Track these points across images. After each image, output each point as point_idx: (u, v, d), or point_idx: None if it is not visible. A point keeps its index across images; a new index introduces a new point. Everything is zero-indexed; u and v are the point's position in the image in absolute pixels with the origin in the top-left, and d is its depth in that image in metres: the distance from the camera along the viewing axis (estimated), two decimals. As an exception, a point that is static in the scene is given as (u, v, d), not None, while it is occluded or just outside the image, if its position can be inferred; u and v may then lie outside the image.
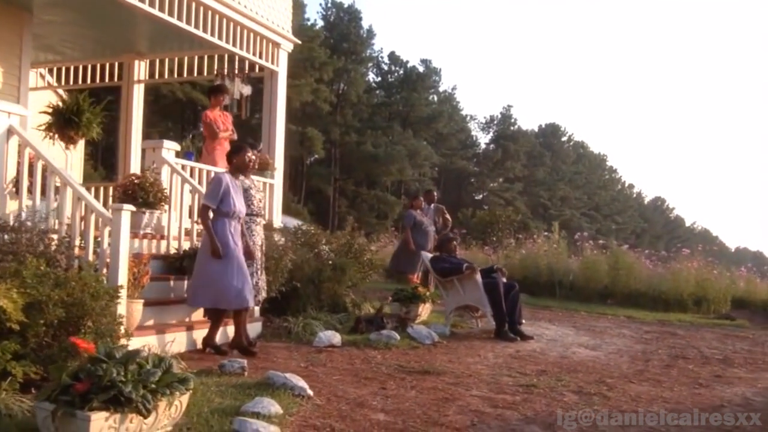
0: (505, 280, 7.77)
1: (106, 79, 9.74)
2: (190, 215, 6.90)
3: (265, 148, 8.75)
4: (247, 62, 8.69)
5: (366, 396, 4.62)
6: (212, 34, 7.63)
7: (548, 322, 9.17)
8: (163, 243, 6.75)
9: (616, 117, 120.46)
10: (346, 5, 49.50)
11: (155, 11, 6.80)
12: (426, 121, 52.36)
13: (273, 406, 3.93)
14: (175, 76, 9.57)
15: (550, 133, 71.71)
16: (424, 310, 7.85)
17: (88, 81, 9.78)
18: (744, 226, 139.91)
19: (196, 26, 7.48)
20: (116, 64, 9.65)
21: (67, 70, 9.87)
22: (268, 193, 8.55)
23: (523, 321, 7.81)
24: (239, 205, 5.68)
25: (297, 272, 7.30)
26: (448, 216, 12.11)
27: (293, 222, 11.59)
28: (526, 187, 63.73)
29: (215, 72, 8.83)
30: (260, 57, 8.54)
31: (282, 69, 8.81)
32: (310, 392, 4.45)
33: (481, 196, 62.83)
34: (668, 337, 8.59)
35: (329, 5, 49.73)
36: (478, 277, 7.42)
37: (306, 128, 41.53)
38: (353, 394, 4.65)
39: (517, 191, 61.54)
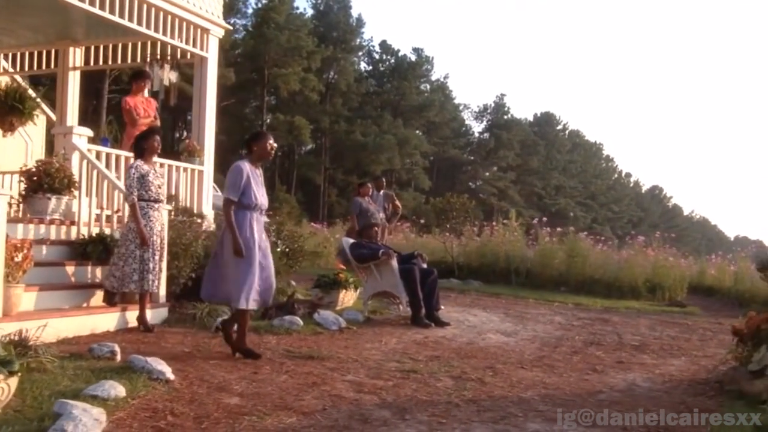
0: (425, 266, 7.75)
1: (43, 66, 9.70)
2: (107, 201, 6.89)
3: (195, 134, 8.73)
4: (178, 49, 8.64)
5: (233, 380, 4.60)
6: (138, 23, 7.62)
7: (482, 309, 9.14)
8: (74, 229, 6.73)
9: (613, 105, 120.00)
10: (335, -6, 49.32)
11: (73, 1, 6.79)
12: (417, 110, 52.27)
13: (114, 389, 3.91)
14: (110, 62, 9.50)
15: (545, 121, 71.56)
16: (347, 297, 7.82)
17: (26, 68, 9.77)
18: (744, 214, 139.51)
19: (121, 15, 7.48)
20: (52, 51, 9.60)
21: (5, 56, 9.83)
22: (196, 179, 8.55)
23: (442, 307, 7.79)
24: (261, 196, 5.22)
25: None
26: (398, 203, 12.10)
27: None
28: (520, 176, 63.67)
29: (147, 58, 8.76)
30: (189, 43, 8.50)
31: (212, 55, 8.76)
32: (171, 376, 4.43)
33: (474, 185, 62.74)
34: (598, 323, 8.57)
35: (319, -7, 49.56)
36: (394, 263, 7.39)
37: (294, 117, 41.51)
38: (221, 378, 4.63)
39: (510, 180, 61.51)
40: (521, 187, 63.55)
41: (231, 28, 9.31)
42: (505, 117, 65.13)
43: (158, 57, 8.70)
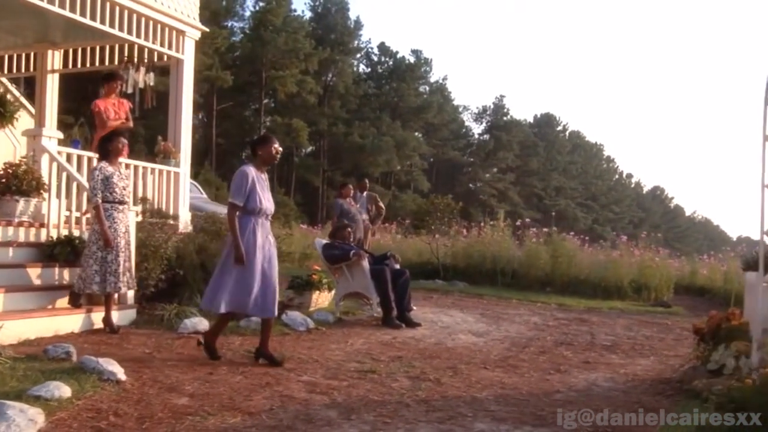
0: (398, 266, 7.74)
1: (22, 69, 9.73)
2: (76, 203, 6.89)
3: (171, 136, 8.72)
4: (155, 52, 8.65)
5: (187, 381, 4.60)
6: (112, 26, 7.63)
7: (460, 309, 9.12)
8: (43, 231, 6.74)
9: (614, 106, 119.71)
10: (333, -4, 49.35)
11: (44, 4, 6.82)
12: (415, 111, 52.26)
13: (59, 390, 3.92)
14: (88, 65, 9.51)
15: (545, 123, 71.48)
16: (321, 298, 7.82)
17: (5, 71, 9.80)
18: (746, 214, 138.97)
19: (93, 18, 7.47)
20: (31, 54, 9.62)
21: (-15, 60, 9.86)
22: (172, 181, 8.56)
23: (414, 308, 7.79)
24: (266, 201, 5.11)
25: (185, 259, 7.30)
26: (381, 204, 12.09)
27: (224, 209, 11.54)
28: (519, 177, 63.60)
29: (123, 61, 8.78)
30: (164, 46, 8.51)
31: (188, 57, 8.78)
32: (123, 377, 4.43)
33: (474, 186, 62.69)
34: (574, 324, 8.55)
35: (317, -4, 49.60)
36: (365, 264, 7.38)
37: (292, 120, 41.56)
38: (175, 378, 4.63)
39: (510, 181, 61.45)
40: (521, 189, 63.48)
41: (207, 29, 9.30)
42: (505, 118, 65.09)
43: (134, 59, 8.71)
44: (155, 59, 8.86)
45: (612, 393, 4.97)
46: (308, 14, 49.66)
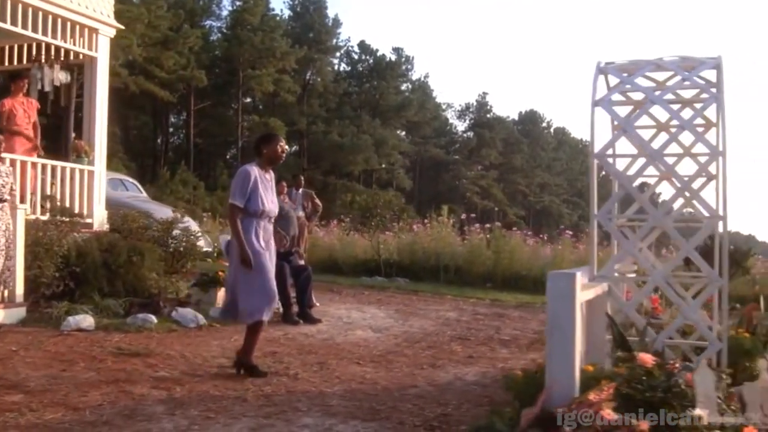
0: (302, 262, 7.75)
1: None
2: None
3: (86, 134, 8.71)
4: (70, 50, 8.62)
5: (34, 378, 4.60)
6: (22, 26, 7.60)
7: (378, 305, 9.13)
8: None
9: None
10: (312, -5, 49.32)
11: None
12: (395, 109, 52.27)
13: None
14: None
15: (529, 120, 71.55)
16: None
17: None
18: (738, 211, 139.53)
19: (1, 19, 7.44)
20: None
21: None
22: (86, 180, 8.54)
23: (317, 304, 7.79)
24: (269, 202, 4.90)
25: (87, 257, 7.29)
26: (318, 201, 12.07)
27: (164, 210, 11.55)
28: (503, 174, 63.66)
29: (33, 60, 8.75)
30: (77, 44, 8.49)
31: (102, 55, 8.74)
32: (-39, 375, 4.43)
33: (457, 184, 62.73)
34: (489, 318, 8.57)
35: (296, -5, 49.53)
36: (265, 260, 7.37)
37: (268, 119, 41.53)
38: (24, 376, 4.63)
39: (493, 178, 61.50)
40: (504, 186, 63.53)
41: (123, 27, 9.27)
42: (488, 115, 65.14)
43: (48, 58, 8.68)
44: (71, 57, 8.83)
45: (471, 388, 4.99)
46: (287, 13, 49.70)
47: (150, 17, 31.72)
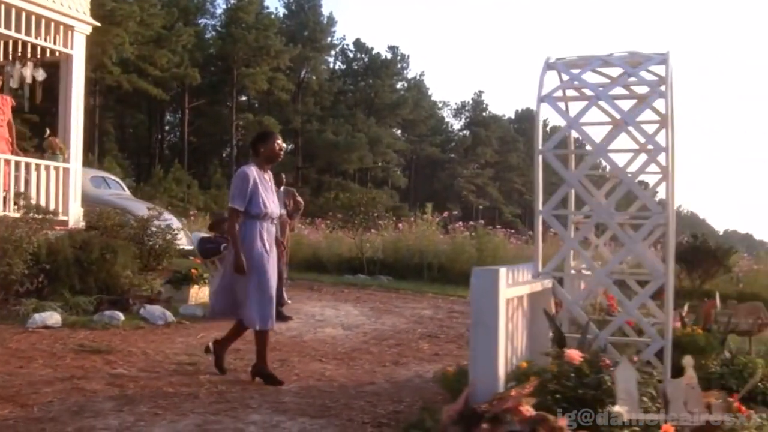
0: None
1: None
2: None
3: (61, 132, 8.69)
4: (39, 47, 8.62)
5: (-13, 375, 4.59)
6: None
7: (355, 303, 9.13)
8: None
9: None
10: (307, -7, 49.27)
11: None
12: (390, 108, 52.23)
13: None
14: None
15: (525, 118, 71.44)
16: (201, 292, 7.80)
17: None
18: (733, 208, 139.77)
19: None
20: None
21: None
22: (61, 177, 8.53)
23: (288, 301, 7.79)
24: (270, 204, 4.72)
25: (58, 255, 7.29)
26: (299, 199, 12.01)
27: (142, 207, 11.54)
28: (499, 172, 63.65)
29: (7, 57, 8.73)
30: (52, 41, 8.48)
31: (77, 52, 8.73)
32: None
33: (453, 182, 62.69)
34: (462, 316, 8.55)
35: (291, -7, 49.47)
36: (236, 257, 7.36)
37: (263, 117, 41.51)
38: (-21, 373, 4.62)
39: (489, 177, 61.49)
40: (501, 184, 63.53)
41: (99, 24, 9.25)
42: (484, 114, 65.13)
43: (24, 55, 8.67)
44: (47, 54, 8.82)
45: (428, 385, 4.95)
46: (282, 11, 49.67)
47: (143, 15, 31.65)
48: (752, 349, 4.98)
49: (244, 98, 48.18)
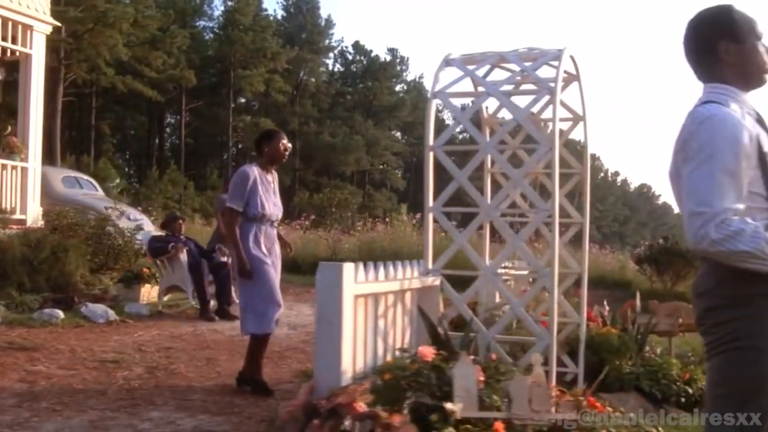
0: (225, 259, 7.75)
1: None
2: None
3: (20, 131, 8.73)
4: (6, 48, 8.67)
5: None
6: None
7: (309, 303, 9.08)
8: None
9: (600, 104, 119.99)
10: (305, -5, 49.33)
11: None
12: (388, 110, 52.19)
13: None
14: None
15: (526, 121, 71.48)
16: (154, 291, 7.82)
17: None
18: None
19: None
20: None
21: None
22: (19, 177, 8.57)
23: (236, 301, 7.77)
24: (270, 205, 4.50)
25: (6, 253, 7.32)
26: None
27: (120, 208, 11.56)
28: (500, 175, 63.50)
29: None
30: (10, 41, 8.52)
31: (37, 52, 8.77)
32: None
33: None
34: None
35: (289, -5, 49.53)
36: (183, 257, 7.40)
37: (260, 119, 41.59)
38: None
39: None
40: (499, 186, 63.42)
41: (59, 24, 9.30)
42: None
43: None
44: (7, 54, 8.86)
45: (349, 382, 4.97)
46: (281, 14, 49.75)
47: (138, 17, 31.74)
48: (672, 350, 4.95)
49: (242, 100, 48.29)
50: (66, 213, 8.66)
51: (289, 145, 4.73)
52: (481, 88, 4.14)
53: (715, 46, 2.05)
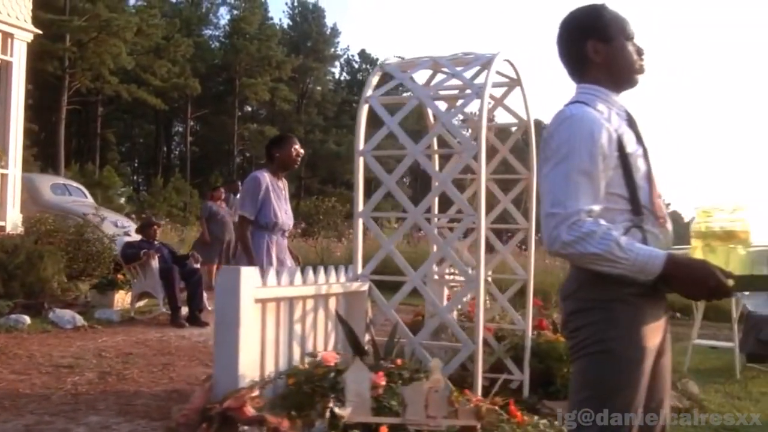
0: (197, 266, 7.78)
1: None
2: None
3: (0, 139, 8.82)
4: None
5: None
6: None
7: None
8: None
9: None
10: (311, 4, 49.58)
11: None
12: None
13: None
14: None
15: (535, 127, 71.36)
16: (129, 297, 7.84)
17: None
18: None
19: None
20: None
21: None
22: (0, 183, 8.65)
23: (208, 308, 7.79)
24: (282, 213, 4.40)
25: (-21, 260, 7.39)
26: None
27: (113, 216, 11.65)
28: (507, 183, 63.39)
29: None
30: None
31: (17, 59, 8.86)
32: None
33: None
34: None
35: (295, 4, 49.81)
36: (155, 263, 7.42)
37: (265, 127, 41.80)
38: None
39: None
40: (506, 193, 63.32)
41: (40, 32, 9.40)
42: (490, 123, 64.94)
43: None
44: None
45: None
46: (287, 22, 50.02)
47: (142, 26, 32.04)
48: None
49: (248, 109, 48.55)
50: (45, 219, 8.72)
51: (302, 150, 4.63)
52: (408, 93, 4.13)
53: (584, 45, 2.03)
